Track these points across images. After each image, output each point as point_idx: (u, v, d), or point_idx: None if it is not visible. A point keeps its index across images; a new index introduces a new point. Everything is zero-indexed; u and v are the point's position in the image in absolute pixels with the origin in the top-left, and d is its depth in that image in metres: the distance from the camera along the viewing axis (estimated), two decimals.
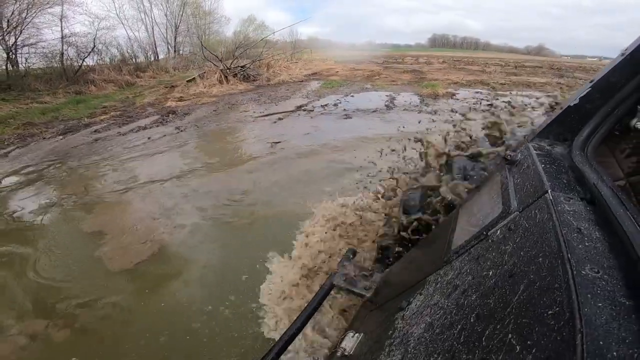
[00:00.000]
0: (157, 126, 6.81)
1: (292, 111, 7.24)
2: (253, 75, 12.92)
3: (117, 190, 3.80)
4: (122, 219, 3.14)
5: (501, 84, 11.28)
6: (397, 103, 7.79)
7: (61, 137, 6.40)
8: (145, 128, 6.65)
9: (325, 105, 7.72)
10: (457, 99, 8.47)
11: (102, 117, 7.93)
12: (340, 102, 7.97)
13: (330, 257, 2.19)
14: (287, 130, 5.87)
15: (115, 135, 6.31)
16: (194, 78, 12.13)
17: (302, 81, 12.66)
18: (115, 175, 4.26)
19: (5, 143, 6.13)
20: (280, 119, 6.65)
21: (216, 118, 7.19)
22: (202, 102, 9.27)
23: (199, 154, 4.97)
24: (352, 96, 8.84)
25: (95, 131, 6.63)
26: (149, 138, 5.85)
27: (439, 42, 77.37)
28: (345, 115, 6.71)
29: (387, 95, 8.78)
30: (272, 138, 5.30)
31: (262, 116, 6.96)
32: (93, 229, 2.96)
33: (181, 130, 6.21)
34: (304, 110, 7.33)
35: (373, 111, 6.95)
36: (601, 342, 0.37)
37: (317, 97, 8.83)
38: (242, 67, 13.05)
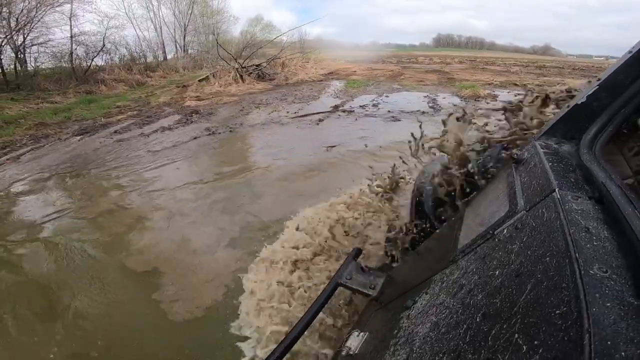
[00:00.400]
0: (183, 126, 6.20)
1: (330, 112, 6.60)
2: (269, 75, 12.39)
3: (160, 208, 3.12)
4: (177, 253, 2.48)
5: (536, 85, 10.67)
6: (441, 104, 7.17)
7: (78, 138, 5.79)
8: (170, 129, 6.04)
9: (364, 105, 7.10)
10: (502, 101, 7.86)
11: (118, 117, 7.34)
12: (378, 103, 7.35)
13: None
14: (335, 132, 5.22)
15: (138, 136, 5.70)
16: (206, 77, 11.64)
17: (321, 80, 12.09)
18: (153, 189, 3.56)
19: (18, 145, 5.50)
20: (320, 120, 6.00)
21: (246, 118, 6.57)
22: (223, 102, 8.70)
23: (247, 161, 4.28)
24: (387, 96, 8.21)
25: (115, 132, 6.01)
26: (180, 140, 5.22)
27: (444, 41, 76.55)
28: (392, 117, 6.08)
29: (424, 97, 8.16)
30: (324, 141, 4.65)
31: (298, 117, 6.33)
32: (145, 268, 2.31)
33: (212, 132, 5.59)
34: (343, 110, 6.70)
35: (422, 113, 6.31)
36: (609, 342, 0.35)
37: (350, 97, 8.21)
38: (257, 66, 12.52)
